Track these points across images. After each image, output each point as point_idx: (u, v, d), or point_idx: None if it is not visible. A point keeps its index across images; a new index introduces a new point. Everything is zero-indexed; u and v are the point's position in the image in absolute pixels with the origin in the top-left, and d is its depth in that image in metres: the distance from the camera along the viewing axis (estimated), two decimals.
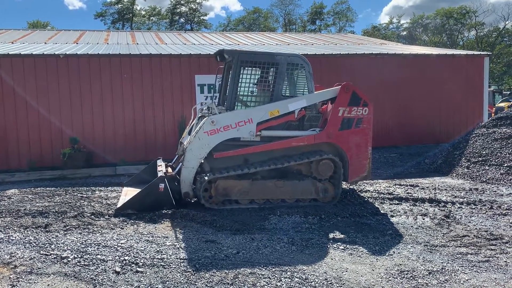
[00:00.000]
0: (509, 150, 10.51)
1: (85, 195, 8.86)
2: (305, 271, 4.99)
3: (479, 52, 16.77)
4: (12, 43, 16.08)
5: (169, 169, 8.38)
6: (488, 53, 17.00)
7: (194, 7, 63.01)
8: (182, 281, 4.71)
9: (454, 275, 4.91)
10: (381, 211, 7.52)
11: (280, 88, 8.05)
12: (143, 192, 7.44)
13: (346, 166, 8.08)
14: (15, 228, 6.52)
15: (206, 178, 7.53)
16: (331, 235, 6.35)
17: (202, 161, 7.67)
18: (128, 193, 8.16)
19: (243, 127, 7.70)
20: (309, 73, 8.21)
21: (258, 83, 8.22)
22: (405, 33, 62.18)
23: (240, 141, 7.84)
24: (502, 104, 24.75)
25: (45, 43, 16.59)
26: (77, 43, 16.70)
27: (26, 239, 6.02)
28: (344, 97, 7.99)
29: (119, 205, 7.58)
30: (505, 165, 10.11)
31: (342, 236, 6.33)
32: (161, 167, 8.45)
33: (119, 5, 60.70)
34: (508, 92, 31.78)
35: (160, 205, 7.41)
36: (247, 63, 8.00)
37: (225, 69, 8.76)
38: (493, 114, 20.49)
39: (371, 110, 8.14)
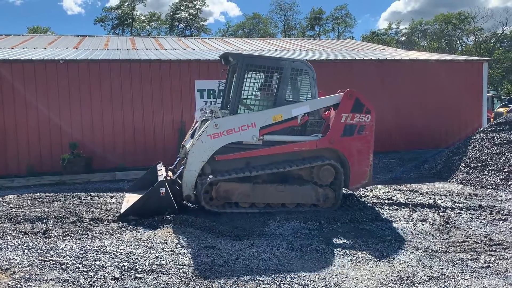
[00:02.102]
0: (508, 155, 10.52)
1: (84, 201, 8.85)
2: (305, 277, 4.98)
3: (477, 58, 16.82)
4: (12, 48, 16.10)
5: (170, 173, 8.38)
6: (487, 58, 17.04)
7: (193, 13, 63.25)
8: (181, 287, 4.69)
9: (454, 281, 4.90)
10: (381, 217, 7.52)
11: (283, 92, 8.07)
12: (144, 198, 7.42)
13: (347, 172, 8.09)
14: (14, 234, 6.49)
15: (207, 180, 7.52)
16: (330, 241, 6.34)
17: (204, 164, 7.66)
18: (130, 199, 8.15)
19: (246, 131, 7.71)
20: (313, 79, 8.23)
21: (262, 87, 8.24)
22: (404, 38, 62.38)
23: (243, 144, 7.85)
24: (501, 109, 24.79)
25: (45, 48, 16.62)
26: (77, 49, 16.73)
27: (25, 245, 6.00)
28: (347, 104, 8.01)
29: (121, 211, 7.57)
30: (504, 170, 10.11)
31: (341, 241, 6.33)
32: (162, 171, 8.45)
33: (119, 11, 60.94)
34: (507, 97, 31.84)
35: (162, 210, 7.38)
36: (251, 67, 8.03)
37: (229, 72, 8.79)
38: (492, 119, 20.52)
39: (374, 117, 8.15)
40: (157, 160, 12.91)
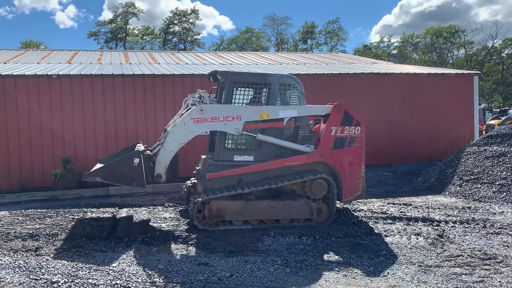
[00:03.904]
0: (500, 168, 10.59)
1: (76, 217, 8.75)
2: None
3: (468, 71, 17.01)
4: (5, 63, 16.06)
5: (148, 152, 8.34)
6: (478, 72, 17.23)
7: (187, 27, 63.60)
8: None
9: None
10: (375, 231, 7.50)
11: None
12: (116, 163, 7.44)
13: (340, 185, 8.10)
14: (5, 252, 6.41)
15: (199, 199, 7.49)
16: (325, 256, 6.31)
17: (183, 145, 7.72)
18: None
19: (231, 122, 7.75)
20: (301, 93, 8.29)
21: (251, 103, 8.26)
22: (395, 51, 63.05)
23: (234, 161, 7.85)
24: (492, 122, 25.00)
25: (38, 63, 16.59)
26: (70, 63, 16.72)
27: (16, 263, 5.92)
28: (337, 117, 8.06)
29: (90, 171, 7.59)
30: (496, 183, 10.16)
31: (336, 257, 6.30)
32: (140, 147, 8.44)
33: (113, 25, 61.18)
34: (498, 110, 32.16)
35: (130, 180, 7.43)
36: (240, 84, 8.07)
37: (218, 89, 8.81)
38: (483, 132, 20.68)
39: (364, 129, 8.21)
40: None
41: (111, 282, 5.24)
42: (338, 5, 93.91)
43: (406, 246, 6.69)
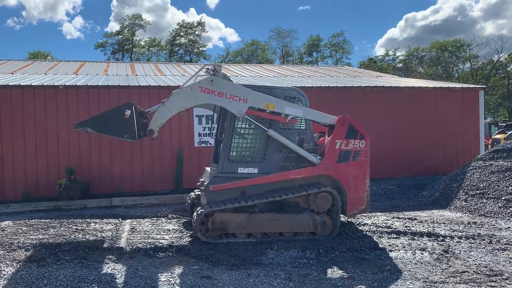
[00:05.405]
0: (506, 183, 10.51)
1: (80, 228, 8.75)
2: None
3: (474, 85, 16.99)
4: (12, 73, 16.20)
5: (141, 108, 8.27)
6: (483, 86, 17.22)
7: (193, 39, 64.17)
8: None
9: None
10: (380, 246, 7.44)
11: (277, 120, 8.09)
12: (107, 113, 7.51)
13: (344, 199, 8.06)
14: (8, 262, 6.40)
15: (202, 211, 7.48)
16: (329, 271, 6.26)
17: (182, 110, 7.70)
18: None
19: (236, 102, 7.73)
20: (306, 106, 8.29)
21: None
22: (401, 65, 63.16)
23: (238, 173, 7.84)
24: (498, 136, 24.87)
25: (45, 73, 16.72)
26: (76, 74, 16.85)
27: (18, 274, 5.91)
28: (341, 130, 8.06)
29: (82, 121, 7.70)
30: (502, 198, 10.07)
31: (340, 271, 6.24)
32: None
33: (119, 36, 61.84)
34: (504, 124, 32.01)
35: (121, 131, 7.47)
36: None
37: None
38: (489, 146, 20.58)
39: (368, 142, 8.19)
40: (155, 186, 12.91)
41: None
42: (343, 18, 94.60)
43: (411, 262, 6.62)
